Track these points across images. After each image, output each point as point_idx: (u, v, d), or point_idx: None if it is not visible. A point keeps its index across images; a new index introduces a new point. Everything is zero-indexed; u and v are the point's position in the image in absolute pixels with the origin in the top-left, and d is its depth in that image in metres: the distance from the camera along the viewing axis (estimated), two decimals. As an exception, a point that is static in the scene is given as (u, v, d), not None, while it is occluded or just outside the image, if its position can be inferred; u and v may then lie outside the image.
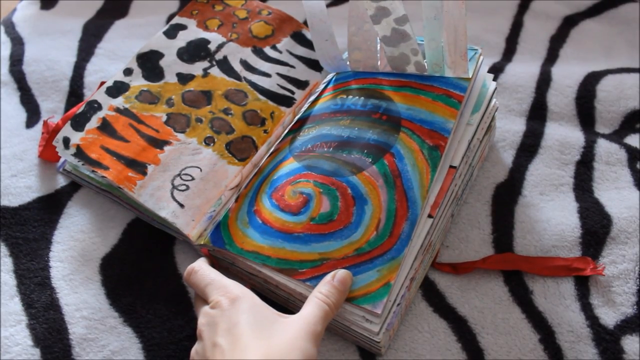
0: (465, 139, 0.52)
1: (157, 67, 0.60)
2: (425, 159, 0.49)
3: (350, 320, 0.44)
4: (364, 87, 0.55)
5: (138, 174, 0.52)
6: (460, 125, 0.52)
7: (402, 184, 0.48)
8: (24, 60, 0.70)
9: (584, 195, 0.57)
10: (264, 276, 0.47)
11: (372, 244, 0.46)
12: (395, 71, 0.55)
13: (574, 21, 0.75)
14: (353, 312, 0.44)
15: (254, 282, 0.50)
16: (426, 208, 0.48)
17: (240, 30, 0.64)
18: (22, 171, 0.60)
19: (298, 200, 0.49)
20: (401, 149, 0.50)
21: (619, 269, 0.52)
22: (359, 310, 0.44)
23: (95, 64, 0.70)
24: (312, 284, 0.45)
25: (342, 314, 0.45)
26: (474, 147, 0.53)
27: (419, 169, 0.49)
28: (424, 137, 0.50)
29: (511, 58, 0.71)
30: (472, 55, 0.54)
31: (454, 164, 0.50)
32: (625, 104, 0.64)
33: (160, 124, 0.56)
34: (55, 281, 0.52)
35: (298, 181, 0.50)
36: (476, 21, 0.75)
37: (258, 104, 0.59)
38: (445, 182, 0.49)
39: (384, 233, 0.46)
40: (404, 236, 0.46)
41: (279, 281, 0.46)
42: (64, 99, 0.67)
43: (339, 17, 0.76)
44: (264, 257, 0.47)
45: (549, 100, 0.65)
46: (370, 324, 0.44)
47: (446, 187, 0.49)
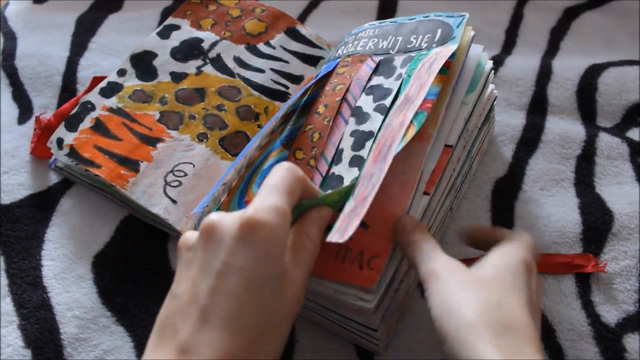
0: (461, 117, 0.49)
1: (151, 67, 0.60)
2: (412, 122, 0.45)
3: (342, 302, 0.41)
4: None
5: (130, 172, 0.52)
6: (453, 103, 0.49)
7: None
8: (16, 55, 0.69)
9: (585, 190, 0.56)
10: None
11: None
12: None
13: (574, 13, 0.74)
14: (344, 292, 0.41)
15: None
16: (421, 185, 0.45)
17: (234, 28, 0.64)
18: (14, 168, 0.59)
19: None
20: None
21: (621, 265, 0.51)
22: (350, 289, 0.41)
23: (88, 58, 0.69)
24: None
25: (332, 295, 0.41)
26: (472, 131, 0.51)
27: (406, 137, 0.45)
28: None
29: (511, 51, 0.70)
30: (460, 22, 0.52)
31: (450, 143, 0.48)
32: (627, 97, 0.63)
33: (153, 122, 0.56)
34: (47, 280, 0.52)
35: None
36: (475, 13, 0.74)
37: (252, 99, 0.58)
38: (441, 160, 0.46)
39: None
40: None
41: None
42: (56, 94, 0.66)
43: (337, 10, 0.75)
44: None
45: (549, 94, 0.64)
46: (364, 302, 0.41)
47: (442, 165, 0.46)
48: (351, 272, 0.41)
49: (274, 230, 0.33)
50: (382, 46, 0.54)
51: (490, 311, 0.33)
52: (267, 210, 0.34)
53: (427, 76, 0.47)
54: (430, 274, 0.37)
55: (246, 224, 0.33)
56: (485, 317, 0.33)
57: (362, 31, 0.57)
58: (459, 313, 0.33)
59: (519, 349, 0.32)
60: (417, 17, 0.54)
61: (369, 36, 0.55)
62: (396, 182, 0.45)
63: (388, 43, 0.53)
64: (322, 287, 0.42)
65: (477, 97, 0.51)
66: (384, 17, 0.75)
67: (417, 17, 0.54)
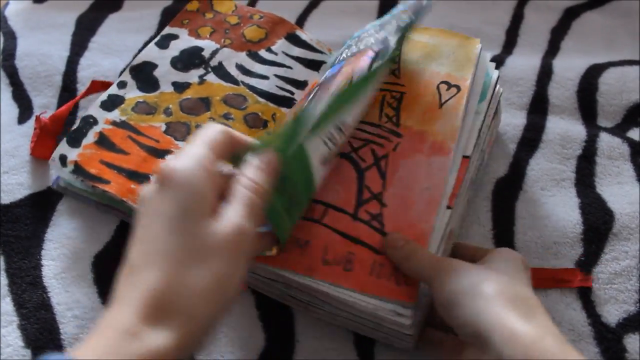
0: (476, 128, 0.51)
1: (152, 77, 0.59)
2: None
3: (380, 317, 0.43)
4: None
5: (141, 186, 0.51)
6: (468, 115, 0.50)
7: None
8: (16, 55, 0.69)
9: (585, 190, 0.56)
10: (286, 280, 0.45)
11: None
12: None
13: (575, 13, 0.74)
14: (383, 308, 0.42)
15: (273, 291, 0.48)
16: (443, 200, 0.46)
17: (234, 35, 0.63)
18: (14, 168, 0.59)
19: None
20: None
21: (622, 265, 0.51)
22: (389, 305, 0.42)
23: (88, 58, 0.69)
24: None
25: (370, 311, 0.43)
26: (483, 134, 0.52)
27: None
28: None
29: (511, 50, 0.70)
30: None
31: (467, 154, 0.49)
32: (628, 97, 0.63)
33: (159, 133, 0.55)
34: (47, 280, 0.52)
35: None
36: (476, 13, 0.74)
37: (258, 106, 0.58)
38: (460, 172, 0.48)
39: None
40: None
41: (302, 283, 0.44)
42: (56, 94, 0.66)
43: (337, 10, 0.75)
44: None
45: (550, 94, 0.64)
46: (402, 317, 0.42)
47: (461, 177, 0.48)
48: (390, 288, 0.43)
49: (189, 172, 0.34)
50: (381, 36, 0.54)
51: (503, 287, 0.37)
52: (181, 157, 0.35)
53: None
54: (438, 271, 0.40)
55: (161, 173, 0.34)
56: (501, 291, 0.36)
57: (364, 32, 0.57)
58: (476, 290, 0.37)
59: (534, 314, 0.36)
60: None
61: (371, 34, 0.56)
62: (422, 198, 0.46)
63: (386, 31, 0.54)
64: (360, 302, 0.43)
65: (487, 106, 0.52)
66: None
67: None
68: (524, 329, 0.34)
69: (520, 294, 0.37)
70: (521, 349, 0.33)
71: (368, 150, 0.49)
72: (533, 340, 0.33)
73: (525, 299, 0.37)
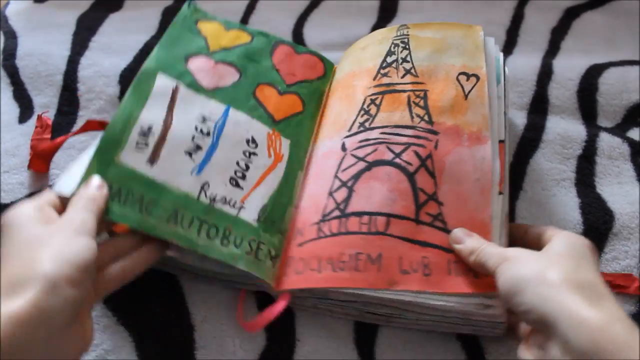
0: (501, 111, 0.51)
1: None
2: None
3: (469, 312, 0.43)
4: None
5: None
6: (492, 100, 0.51)
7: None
8: (17, 54, 0.69)
9: (586, 190, 0.56)
10: (366, 299, 0.45)
11: None
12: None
13: (575, 13, 0.74)
14: (469, 303, 0.43)
15: (350, 312, 0.48)
16: (494, 188, 0.47)
17: None
18: (15, 167, 0.59)
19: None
20: None
21: (622, 265, 0.51)
22: (473, 299, 0.42)
23: (89, 57, 0.69)
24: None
25: (458, 309, 0.43)
26: (507, 116, 0.53)
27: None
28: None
29: (512, 50, 0.70)
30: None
31: (502, 139, 0.50)
32: (628, 97, 0.63)
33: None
34: (48, 279, 0.52)
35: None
36: (476, 13, 0.74)
37: None
38: (501, 157, 0.49)
39: None
40: None
41: (384, 297, 0.44)
42: (57, 93, 0.66)
43: (337, 10, 0.75)
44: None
45: (550, 94, 0.64)
46: (492, 308, 0.42)
47: (503, 162, 0.49)
48: (471, 283, 0.43)
49: (9, 216, 0.39)
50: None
51: (569, 273, 0.36)
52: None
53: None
54: (503, 260, 0.40)
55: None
56: (567, 277, 0.36)
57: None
58: (541, 277, 0.36)
59: (602, 300, 0.35)
60: None
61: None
62: (474, 190, 0.47)
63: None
64: (447, 304, 0.43)
65: (503, 88, 0.53)
66: (384, 17, 0.75)
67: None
68: (591, 315, 0.33)
69: (586, 280, 0.36)
70: (588, 335, 0.32)
71: (411, 153, 0.49)
72: (601, 327, 0.33)
73: (592, 285, 0.36)
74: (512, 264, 0.39)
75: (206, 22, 0.58)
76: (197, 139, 0.49)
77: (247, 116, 0.52)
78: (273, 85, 0.56)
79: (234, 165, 0.49)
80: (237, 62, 0.56)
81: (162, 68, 0.51)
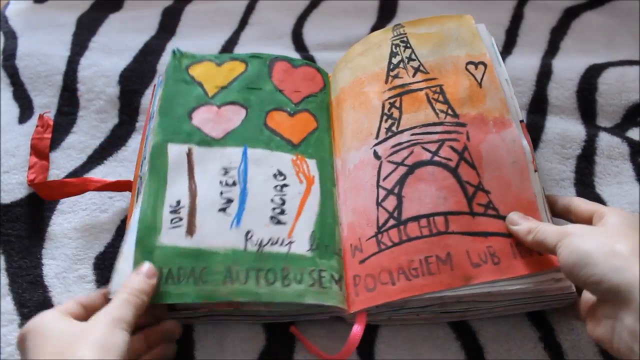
0: (512, 93, 0.53)
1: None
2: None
3: (542, 290, 0.44)
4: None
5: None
6: (502, 84, 0.53)
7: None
8: (16, 55, 0.69)
9: (585, 190, 0.56)
10: (445, 299, 0.45)
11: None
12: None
13: (574, 13, 0.74)
14: (541, 281, 0.43)
15: (425, 316, 0.47)
16: (530, 165, 0.48)
17: None
18: (15, 167, 0.59)
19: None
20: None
21: (621, 265, 0.51)
22: (543, 276, 0.43)
23: (89, 58, 0.69)
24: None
25: (533, 289, 0.44)
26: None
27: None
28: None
29: (511, 50, 0.70)
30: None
31: (522, 118, 0.52)
32: (627, 97, 0.63)
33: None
34: (48, 279, 0.52)
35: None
36: (475, 13, 0.73)
37: None
38: (526, 136, 0.50)
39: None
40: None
41: (461, 294, 0.44)
42: (57, 93, 0.66)
43: (337, 10, 0.75)
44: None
45: (549, 94, 0.64)
46: (563, 282, 0.43)
47: (529, 140, 0.50)
48: (537, 261, 0.44)
49: (35, 322, 0.41)
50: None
51: (636, 246, 0.38)
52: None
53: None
54: (564, 236, 0.41)
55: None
56: (635, 249, 0.37)
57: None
58: (610, 249, 0.38)
59: None
60: None
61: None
62: (514, 173, 0.48)
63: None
64: (522, 286, 0.44)
65: (505, 69, 0.55)
66: (384, 17, 0.75)
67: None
68: None
69: None
70: None
71: (447, 149, 0.50)
72: None
73: None
74: (575, 238, 0.40)
75: (197, 66, 0.57)
76: (226, 193, 0.49)
77: (266, 150, 0.52)
78: (282, 108, 0.55)
79: (269, 204, 0.49)
80: (239, 98, 0.55)
81: (169, 138, 0.51)
